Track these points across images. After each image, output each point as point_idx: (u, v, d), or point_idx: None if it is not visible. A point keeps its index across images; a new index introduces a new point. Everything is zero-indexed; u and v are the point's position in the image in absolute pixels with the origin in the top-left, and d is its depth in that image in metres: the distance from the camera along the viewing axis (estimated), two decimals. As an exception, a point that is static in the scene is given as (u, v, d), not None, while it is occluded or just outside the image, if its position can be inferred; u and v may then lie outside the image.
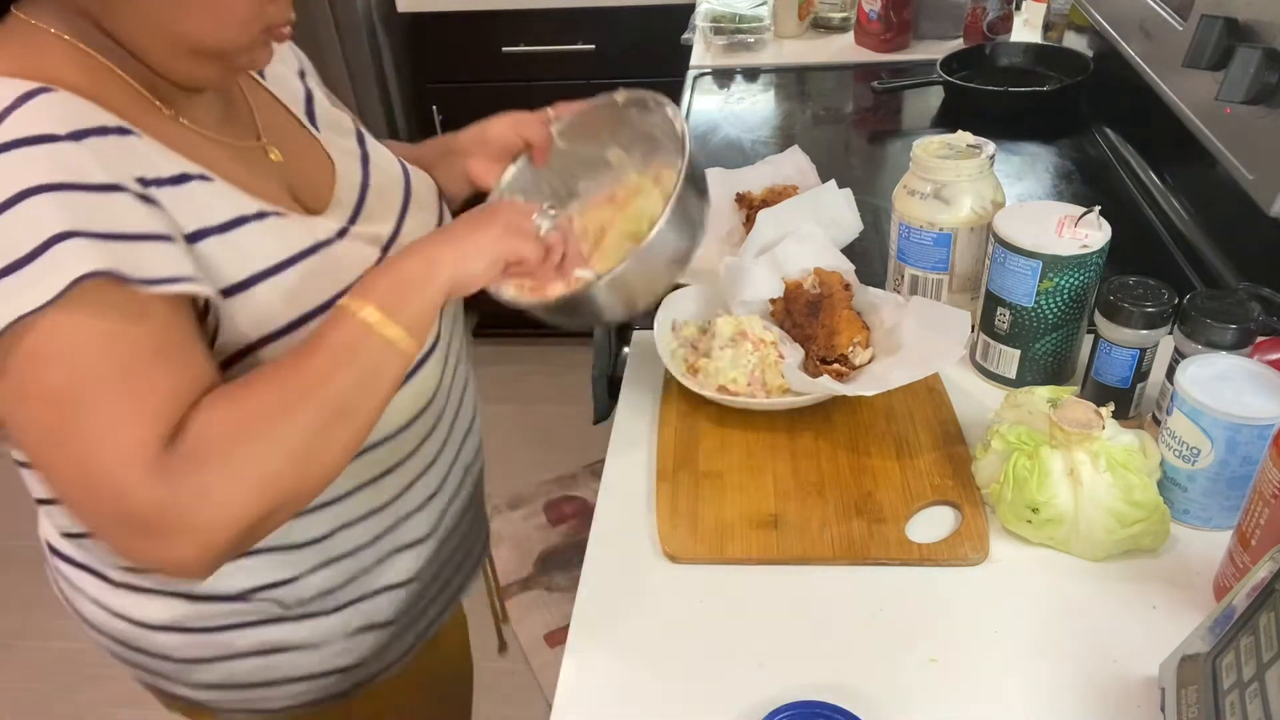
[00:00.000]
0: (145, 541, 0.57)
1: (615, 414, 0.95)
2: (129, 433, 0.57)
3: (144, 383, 0.58)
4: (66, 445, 0.57)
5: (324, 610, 0.81)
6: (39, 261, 0.55)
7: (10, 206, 0.55)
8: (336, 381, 0.62)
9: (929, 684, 0.67)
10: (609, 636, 0.72)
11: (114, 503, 0.57)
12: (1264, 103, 0.84)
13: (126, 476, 0.56)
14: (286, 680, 0.83)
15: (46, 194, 0.56)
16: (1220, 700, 0.54)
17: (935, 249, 0.96)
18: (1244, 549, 0.67)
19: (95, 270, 0.56)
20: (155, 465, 0.56)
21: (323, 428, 0.62)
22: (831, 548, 0.77)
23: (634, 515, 0.82)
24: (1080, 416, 0.74)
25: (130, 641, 0.80)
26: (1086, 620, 0.71)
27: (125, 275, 0.57)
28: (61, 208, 0.56)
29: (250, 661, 0.80)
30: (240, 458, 0.59)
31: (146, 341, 0.59)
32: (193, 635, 0.79)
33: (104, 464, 0.56)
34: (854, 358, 0.91)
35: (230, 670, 0.81)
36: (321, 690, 0.84)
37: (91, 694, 1.90)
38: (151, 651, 0.80)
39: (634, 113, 0.89)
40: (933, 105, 1.59)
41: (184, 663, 0.80)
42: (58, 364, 0.57)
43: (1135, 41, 1.16)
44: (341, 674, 0.85)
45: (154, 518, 0.56)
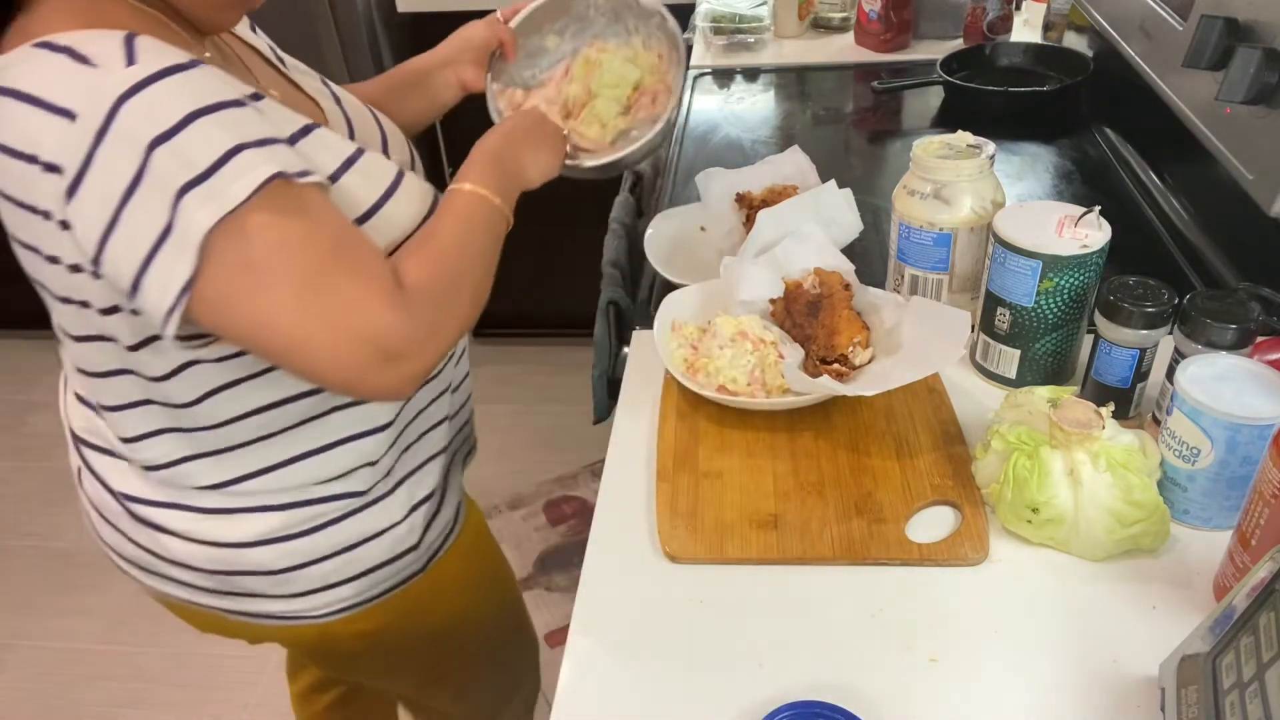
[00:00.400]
0: (386, 368, 0.69)
1: (615, 414, 0.95)
2: (372, 282, 0.69)
3: (359, 245, 0.71)
4: (319, 313, 0.67)
5: (387, 491, 0.90)
6: (226, 169, 0.64)
7: (181, 129, 0.63)
8: (479, 238, 0.79)
9: (929, 684, 0.67)
10: (609, 636, 0.72)
11: (375, 342, 0.68)
12: (1264, 103, 0.84)
13: (385, 317, 0.68)
14: (365, 573, 0.91)
15: (201, 119, 0.64)
16: (1220, 700, 0.54)
17: (935, 249, 0.96)
18: (1244, 549, 0.67)
19: (276, 173, 0.65)
20: (400, 306, 0.69)
21: (480, 272, 0.79)
22: (831, 548, 0.77)
23: (634, 515, 0.82)
24: (1080, 416, 0.74)
25: (224, 566, 0.87)
26: (1086, 620, 0.71)
27: (287, 174, 0.67)
28: (217, 128, 0.65)
29: (333, 561, 0.88)
30: (451, 299, 0.74)
31: (335, 219, 0.71)
32: (283, 544, 0.86)
33: (364, 313, 0.68)
34: (854, 358, 0.91)
35: (320, 573, 0.89)
36: (393, 576, 0.93)
37: (91, 694, 1.90)
38: (246, 570, 0.87)
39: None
40: (933, 105, 1.59)
41: (277, 574, 0.87)
42: (283, 253, 0.66)
43: (1135, 41, 1.16)
44: (411, 553, 0.94)
45: (401, 348, 0.69)
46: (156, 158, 0.63)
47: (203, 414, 0.80)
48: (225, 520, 0.85)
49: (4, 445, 2.56)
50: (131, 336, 0.75)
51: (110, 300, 0.72)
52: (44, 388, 2.77)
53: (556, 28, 1.09)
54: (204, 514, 0.85)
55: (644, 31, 1.08)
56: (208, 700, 1.87)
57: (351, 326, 0.67)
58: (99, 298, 0.72)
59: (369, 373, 0.69)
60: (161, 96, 0.64)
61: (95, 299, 0.73)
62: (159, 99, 0.64)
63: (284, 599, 0.90)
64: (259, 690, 1.88)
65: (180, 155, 0.63)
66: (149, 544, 0.88)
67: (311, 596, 0.90)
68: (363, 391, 0.71)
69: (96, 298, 0.72)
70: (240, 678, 1.91)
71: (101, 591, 2.10)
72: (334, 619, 0.92)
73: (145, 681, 1.92)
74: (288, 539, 0.86)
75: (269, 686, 1.89)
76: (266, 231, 0.65)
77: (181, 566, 0.88)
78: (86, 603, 2.08)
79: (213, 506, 0.85)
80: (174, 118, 0.63)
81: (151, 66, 0.64)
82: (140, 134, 0.63)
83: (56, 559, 2.19)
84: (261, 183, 0.64)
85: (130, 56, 0.65)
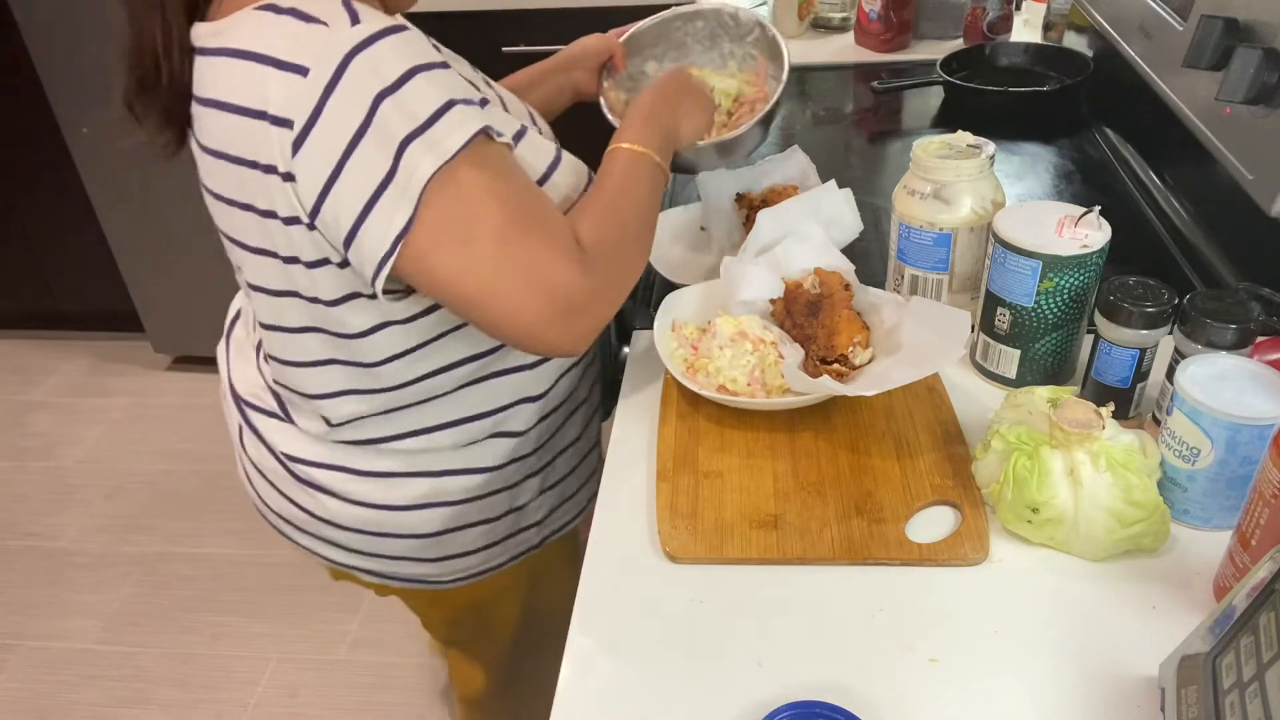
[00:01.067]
0: (571, 325, 0.75)
1: (615, 414, 0.95)
2: (558, 242, 0.74)
3: (545, 208, 0.76)
4: (515, 266, 0.72)
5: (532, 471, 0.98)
6: (441, 122, 0.69)
7: (405, 83, 0.69)
8: (643, 194, 0.85)
9: (929, 684, 0.67)
10: (609, 636, 0.72)
11: (561, 298, 0.73)
12: (1264, 103, 0.84)
13: (571, 275, 0.74)
14: (494, 544, 0.99)
15: (420, 75, 0.70)
16: (1220, 700, 0.54)
17: (935, 249, 0.96)
18: (1244, 549, 0.67)
19: (484, 126, 0.71)
20: (582, 263, 0.75)
21: (646, 226, 0.85)
22: (831, 548, 0.77)
23: (634, 515, 0.82)
24: (1080, 416, 0.74)
25: (378, 527, 0.94)
26: (1086, 620, 0.71)
27: (490, 130, 0.73)
28: (433, 84, 0.70)
29: (478, 529, 0.97)
30: (623, 254, 0.81)
31: (527, 180, 0.77)
32: (434, 510, 0.94)
33: (553, 270, 0.73)
34: (854, 358, 0.91)
35: (462, 540, 0.97)
36: (522, 545, 1.02)
37: (91, 694, 1.90)
38: (399, 533, 0.94)
39: (677, 24, 1.18)
40: (933, 105, 1.59)
41: (427, 537, 0.95)
42: (487, 207, 0.71)
43: (1135, 41, 1.16)
44: (534, 528, 1.03)
45: (582, 303, 0.75)
46: (383, 109, 0.68)
47: (386, 374, 0.86)
48: (383, 483, 0.92)
49: (4, 445, 2.56)
50: (333, 292, 0.80)
51: (321, 254, 0.77)
52: (44, 388, 2.77)
53: (656, 53, 1.19)
54: (363, 476, 0.92)
55: (739, 53, 1.17)
56: (208, 700, 1.87)
57: (540, 279, 0.73)
58: (309, 251, 0.77)
59: (551, 324, 0.74)
60: (385, 53, 0.69)
61: (305, 253, 0.77)
62: (383, 55, 0.69)
63: (424, 563, 0.97)
64: (259, 690, 1.88)
65: (403, 108, 0.69)
66: (307, 504, 0.95)
67: (448, 562, 0.98)
68: (543, 343, 0.76)
69: (307, 251, 0.77)
70: (240, 678, 1.91)
71: (101, 591, 2.10)
72: (457, 585, 1.01)
73: (145, 681, 1.92)
74: (439, 506, 0.94)
75: (269, 686, 1.89)
76: (475, 184, 0.71)
77: (335, 527, 0.95)
78: (86, 603, 2.08)
79: (372, 469, 0.92)
80: (397, 72, 0.69)
81: (374, 26, 0.70)
82: (368, 87, 0.68)
83: (56, 559, 2.19)
84: (472, 135, 0.70)
85: (354, 16, 0.70)
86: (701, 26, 1.18)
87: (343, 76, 0.68)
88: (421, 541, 0.96)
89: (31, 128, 2.48)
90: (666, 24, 1.18)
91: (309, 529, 0.97)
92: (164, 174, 2.41)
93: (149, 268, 2.59)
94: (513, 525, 1.00)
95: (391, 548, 0.96)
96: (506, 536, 1.01)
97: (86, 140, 2.38)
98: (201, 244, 2.52)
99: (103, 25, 2.21)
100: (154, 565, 2.17)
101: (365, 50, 0.68)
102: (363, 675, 1.90)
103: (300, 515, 0.97)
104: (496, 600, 1.07)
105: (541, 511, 1.03)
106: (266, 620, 2.03)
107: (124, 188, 2.45)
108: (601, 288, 0.77)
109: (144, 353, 2.82)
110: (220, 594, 2.09)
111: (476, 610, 1.07)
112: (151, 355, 2.81)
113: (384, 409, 0.89)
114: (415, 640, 1.94)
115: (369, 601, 2.05)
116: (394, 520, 0.94)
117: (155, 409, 2.66)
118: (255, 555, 2.18)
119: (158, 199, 2.45)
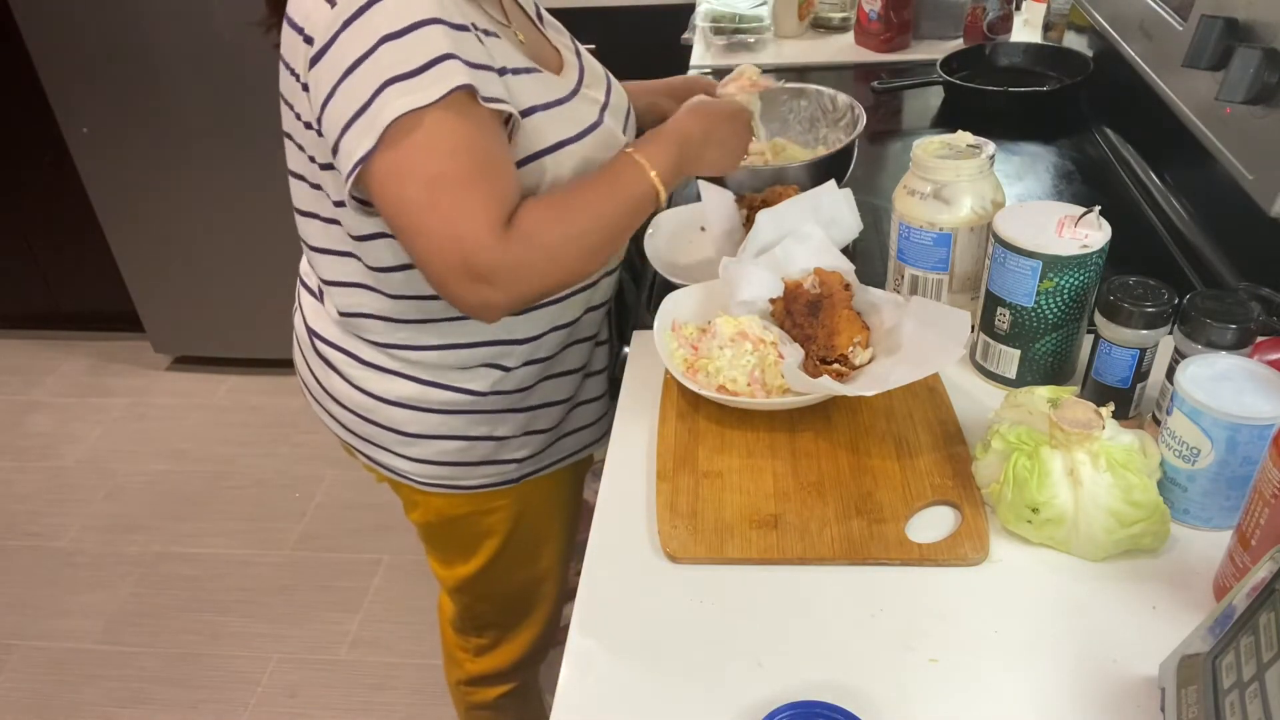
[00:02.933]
0: (473, 286, 0.80)
1: (615, 414, 0.95)
2: (486, 207, 0.79)
3: (493, 176, 0.81)
4: (438, 212, 0.78)
5: (516, 408, 1.04)
6: (430, 72, 0.76)
7: (411, 31, 0.76)
8: (619, 206, 0.88)
9: (929, 684, 0.67)
10: (609, 636, 0.72)
11: (465, 254, 0.78)
12: (1264, 103, 0.84)
13: (481, 237, 0.78)
14: (478, 463, 1.05)
15: (434, 25, 0.77)
16: (1220, 700, 0.54)
17: (935, 249, 0.96)
18: (1244, 549, 0.67)
19: (466, 83, 0.77)
20: (500, 234, 0.79)
21: (603, 236, 0.87)
22: (831, 548, 0.77)
23: (634, 515, 0.82)
24: (1080, 416, 0.74)
25: (367, 413, 1.03)
26: (1086, 620, 0.71)
27: (479, 92, 0.78)
28: (444, 36, 0.77)
29: (455, 443, 1.03)
30: (554, 247, 0.83)
31: (493, 147, 0.81)
32: (417, 413, 1.01)
33: (467, 226, 0.78)
34: (854, 358, 0.91)
35: (439, 448, 1.03)
36: (499, 476, 1.08)
37: (91, 694, 1.90)
38: (382, 423, 1.03)
39: (784, 98, 1.28)
40: (933, 105, 1.59)
41: (405, 436, 1.03)
42: (436, 154, 0.78)
43: (1135, 41, 1.16)
44: (517, 464, 1.08)
45: (487, 271, 0.79)
46: (383, 49, 0.76)
47: (393, 282, 0.94)
48: (378, 375, 1.00)
49: (4, 445, 2.56)
50: (335, 193, 0.90)
51: (326, 157, 0.87)
52: (44, 388, 2.77)
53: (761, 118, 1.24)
54: (363, 365, 1.00)
55: (831, 139, 1.26)
56: (208, 700, 1.87)
57: (452, 233, 0.78)
58: (320, 153, 0.88)
59: (454, 277, 0.80)
60: (404, 5, 0.77)
61: (318, 154, 0.88)
62: (402, 6, 0.76)
63: (403, 459, 1.05)
64: (259, 690, 1.88)
65: (399, 51, 0.76)
66: (321, 377, 1.06)
67: (425, 465, 1.05)
68: (449, 294, 0.82)
69: (318, 153, 0.88)
70: (240, 678, 1.91)
71: (101, 591, 2.10)
72: (432, 491, 1.07)
73: (145, 681, 1.92)
74: (422, 410, 1.01)
75: (269, 686, 1.89)
76: (434, 133, 0.77)
77: (337, 404, 1.05)
78: (86, 603, 2.08)
79: (372, 361, 1.00)
80: (406, 21, 0.76)
81: None
82: (379, 28, 0.76)
83: (56, 559, 2.19)
84: (452, 89, 0.76)
85: None
86: (804, 106, 1.28)
87: (362, 15, 0.77)
88: (402, 438, 1.03)
89: (31, 128, 2.48)
90: (774, 94, 1.25)
91: (320, 401, 1.08)
92: (164, 174, 2.41)
93: (149, 268, 2.59)
94: (492, 453, 1.05)
95: (378, 436, 1.04)
96: (484, 461, 1.05)
97: (86, 140, 2.38)
98: (202, 244, 2.52)
99: (103, 25, 2.21)
100: (154, 565, 2.17)
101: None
102: (363, 675, 1.90)
103: (315, 386, 1.08)
104: (472, 520, 1.12)
105: (524, 451, 1.07)
106: (266, 620, 2.03)
107: (124, 188, 2.45)
108: (513, 266, 0.80)
109: (144, 353, 2.82)
110: (220, 594, 2.09)
111: (451, 522, 1.12)
112: (151, 355, 2.81)
113: (388, 315, 0.96)
114: (415, 640, 1.94)
115: (369, 601, 2.05)
116: (382, 412, 1.02)
117: (155, 409, 2.66)
118: (255, 555, 2.18)
119: (158, 199, 2.45)
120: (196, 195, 2.43)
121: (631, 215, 0.90)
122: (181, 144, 2.35)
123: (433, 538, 1.18)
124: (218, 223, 2.47)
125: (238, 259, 2.51)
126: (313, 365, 1.07)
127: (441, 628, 1.34)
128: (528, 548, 1.18)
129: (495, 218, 0.79)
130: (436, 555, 1.20)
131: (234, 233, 2.46)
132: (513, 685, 1.33)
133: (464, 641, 1.30)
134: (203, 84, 2.27)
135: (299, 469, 2.41)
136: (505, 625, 1.26)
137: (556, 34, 1.06)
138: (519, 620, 1.26)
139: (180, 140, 2.35)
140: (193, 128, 2.32)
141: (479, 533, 1.13)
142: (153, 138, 2.35)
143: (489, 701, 1.35)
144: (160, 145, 2.36)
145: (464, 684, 1.35)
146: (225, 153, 2.35)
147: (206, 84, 2.27)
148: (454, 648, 1.33)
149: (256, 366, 2.73)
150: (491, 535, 1.13)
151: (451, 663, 1.35)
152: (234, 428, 2.57)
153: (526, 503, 1.13)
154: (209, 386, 2.73)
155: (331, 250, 0.96)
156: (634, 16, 2.18)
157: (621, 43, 2.21)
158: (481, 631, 1.27)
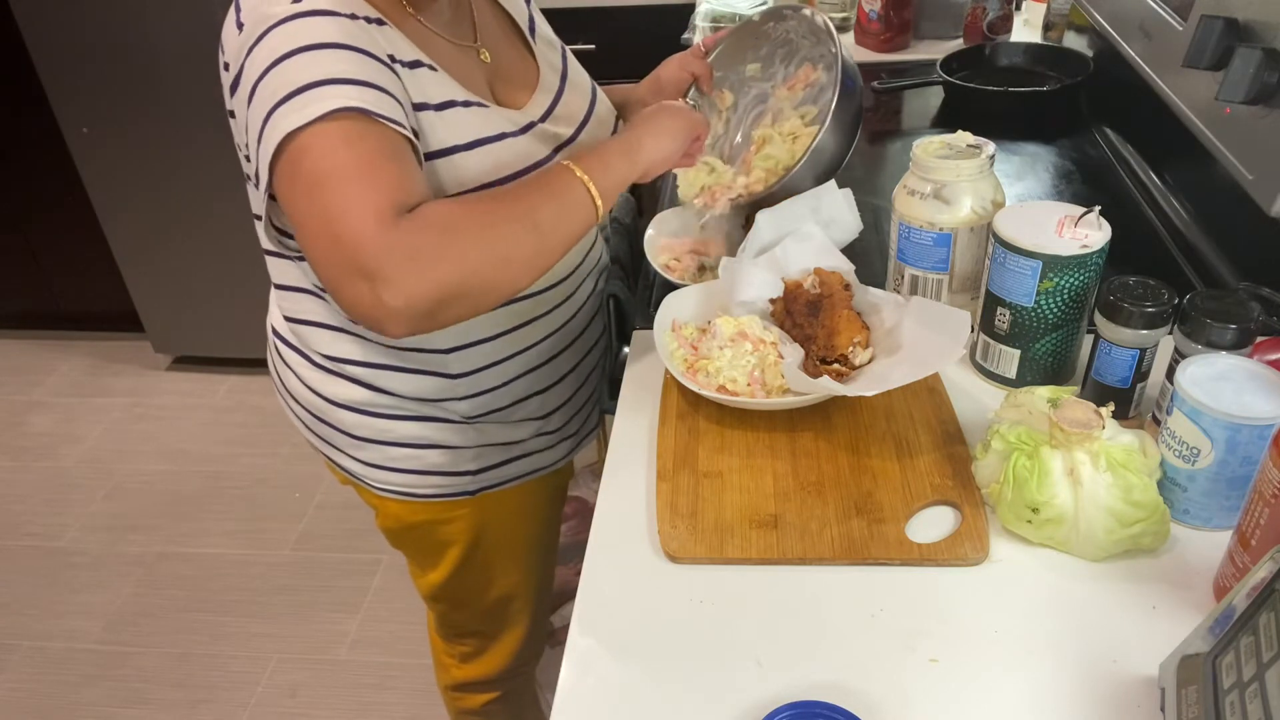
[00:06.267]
0: (363, 284, 0.72)
1: (615, 414, 0.95)
2: (368, 199, 0.73)
3: (380, 171, 0.75)
4: (320, 210, 0.73)
5: (464, 416, 1.02)
6: (310, 93, 0.74)
7: (304, 52, 0.76)
8: (542, 209, 0.80)
9: (929, 684, 0.67)
10: (609, 636, 0.72)
11: (348, 250, 0.72)
12: (1264, 103, 0.84)
13: (362, 228, 0.72)
14: (427, 472, 1.04)
15: (331, 49, 0.76)
16: (1220, 700, 0.54)
17: (935, 249, 0.96)
18: (1244, 549, 0.67)
19: (351, 106, 0.75)
20: (385, 223, 0.72)
21: (520, 241, 0.79)
22: (831, 548, 0.77)
23: (634, 515, 0.82)
24: (1080, 416, 0.74)
25: (318, 413, 1.04)
26: (1086, 620, 0.71)
27: (371, 111, 0.76)
28: (333, 59, 0.76)
29: (403, 450, 1.03)
30: (450, 238, 0.74)
31: (384, 145, 0.76)
32: (364, 417, 1.01)
33: (347, 220, 0.72)
34: (854, 358, 0.91)
35: (387, 454, 1.03)
36: (452, 487, 1.06)
37: (91, 694, 1.90)
38: (331, 424, 1.03)
39: (771, 26, 1.14)
40: (933, 105, 1.59)
41: (353, 439, 1.03)
42: (317, 158, 0.74)
43: (1135, 41, 1.16)
44: (471, 476, 1.06)
45: (373, 264, 0.71)
46: (271, 74, 0.76)
47: None
48: (328, 378, 1.00)
49: (4, 445, 2.56)
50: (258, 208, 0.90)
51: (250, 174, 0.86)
52: (44, 388, 2.77)
53: (761, 54, 1.16)
54: (314, 366, 1.01)
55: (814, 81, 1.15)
56: (208, 700, 1.87)
57: (332, 230, 0.73)
58: (253, 173, 0.84)
59: (345, 280, 0.73)
60: (294, 29, 0.77)
61: (252, 174, 0.85)
62: (291, 31, 0.77)
63: (356, 462, 1.05)
64: (259, 690, 1.88)
65: (285, 75, 0.76)
66: (281, 373, 1.06)
67: (377, 470, 1.05)
68: (340, 297, 0.74)
69: (252, 173, 0.85)
70: (240, 678, 1.91)
71: (101, 591, 2.10)
72: (389, 498, 1.07)
73: (145, 681, 1.92)
74: (369, 415, 1.01)
75: (269, 686, 1.89)
76: (321, 146, 0.74)
77: (295, 401, 1.06)
78: (86, 603, 2.08)
79: (322, 364, 1.00)
80: (292, 46, 0.76)
81: (312, 5, 0.78)
82: (270, 54, 0.77)
83: (56, 559, 2.19)
84: (332, 109, 0.74)
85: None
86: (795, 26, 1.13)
87: (260, 42, 0.77)
88: (354, 441, 1.03)
89: (31, 128, 2.48)
90: (755, 26, 1.14)
91: (284, 397, 1.09)
92: (164, 174, 2.41)
93: (149, 268, 2.59)
94: (444, 463, 1.04)
95: (332, 437, 1.05)
96: (435, 471, 1.04)
97: (86, 140, 2.38)
98: (202, 244, 2.52)
99: (103, 25, 2.21)
100: (154, 565, 2.17)
101: (284, 24, 0.77)
102: (363, 675, 1.90)
103: (279, 384, 1.08)
104: (429, 528, 1.11)
105: (477, 464, 1.06)
106: (266, 620, 2.03)
107: (124, 187, 2.45)
108: (402, 251, 0.71)
109: (144, 353, 2.82)
110: (220, 594, 2.09)
111: (410, 529, 1.11)
112: (151, 355, 2.81)
113: (332, 324, 0.97)
114: (415, 640, 1.94)
115: (369, 601, 2.05)
116: (332, 413, 1.02)
117: (155, 409, 2.66)
118: (255, 555, 2.18)
119: (158, 199, 2.46)
120: (197, 195, 2.43)
121: (563, 221, 0.82)
122: (182, 144, 2.35)
123: (397, 543, 1.17)
124: (218, 223, 2.47)
125: (238, 259, 2.50)
126: (276, 364, 1.08)
127: (429, 632, 1.34)
128: (493, 561, 1.16)
129: (379, 207, 0.72)
130: (408, 560, 1.19)
131: (234, 233, 2.46)
132: (499, 693, 1.32)
133: (449, 647, 1.30)
134: (203, 84, 2.27)
135: (299, 469, 2.41)
136: (485, 634, 1.25)
137: (547, 50, 1.03)
138: (498, 630, 1.25)
139: (180, 140, 2.35)
140: (193, 128, 2.32)
141: (439, 541, 1.12)
142: (153, 138, 2.35)
143: (477, 708, 1.34)
144: (160, 145, 2.36)
145: (452, 689, 1.34)
146: (225, 153, 2.35)
147: (206, 84, 2.26)
148: (440, 653, 1.33)
149: (257, 366, 2.73)
150: (452, 545, 1.12)
151: (440, 667, 1.35)
152: (234, 428, 2.57)
153: (489, 515, 1.11)
154: (209, 386, 2.73)
155: (277, 253, 0.97)
156: (634, 16, 2.18)
157: (621, 43, 2.21)
158: (463, 639, 1.27)
